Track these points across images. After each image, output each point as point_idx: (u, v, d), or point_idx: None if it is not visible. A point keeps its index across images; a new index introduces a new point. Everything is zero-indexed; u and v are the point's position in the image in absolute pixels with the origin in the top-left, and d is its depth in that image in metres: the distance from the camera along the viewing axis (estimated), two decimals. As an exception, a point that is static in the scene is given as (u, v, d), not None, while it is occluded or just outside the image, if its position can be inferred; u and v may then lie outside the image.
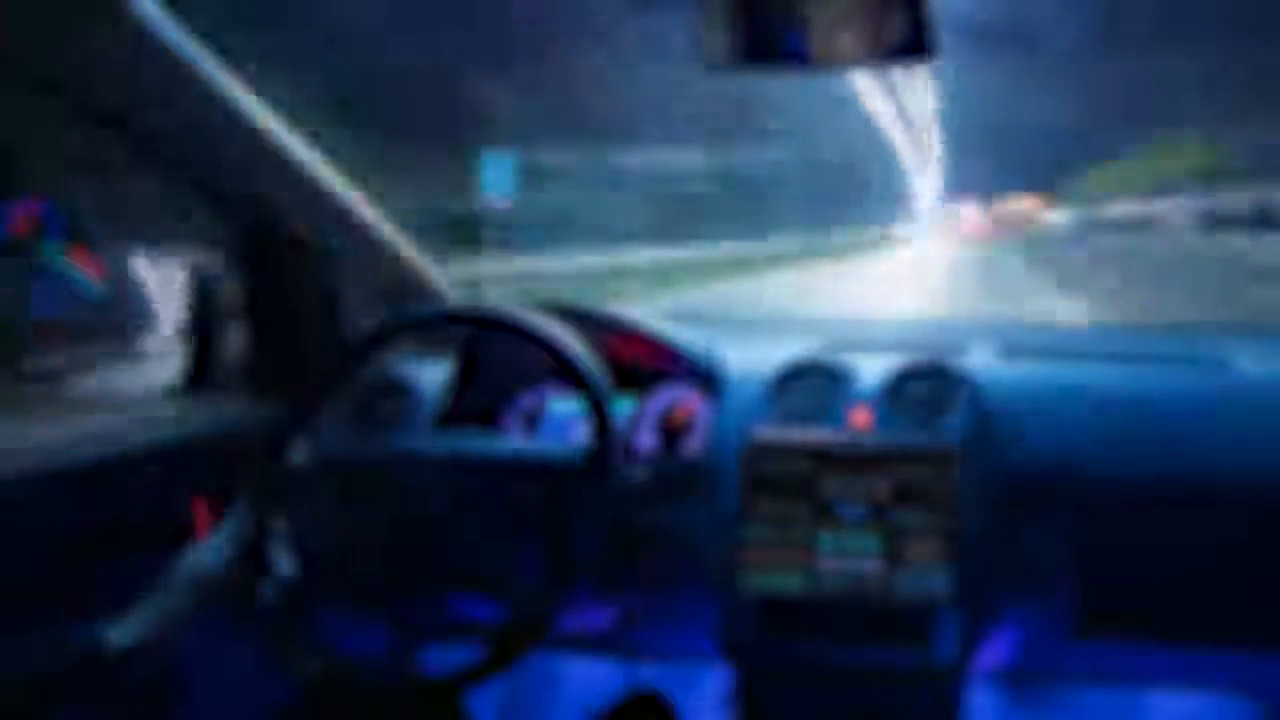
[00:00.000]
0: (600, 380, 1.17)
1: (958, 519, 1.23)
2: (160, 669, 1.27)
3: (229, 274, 1.47)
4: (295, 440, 1.22)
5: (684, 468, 1.35)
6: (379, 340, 1.30)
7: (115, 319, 1.57)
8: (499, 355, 1.48)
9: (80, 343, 1.54)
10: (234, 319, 1.48)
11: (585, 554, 1.13)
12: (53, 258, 1.46)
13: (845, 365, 1.38)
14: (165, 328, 1.55)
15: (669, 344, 1.45)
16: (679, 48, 1.17)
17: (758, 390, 1.38)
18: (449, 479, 1.20)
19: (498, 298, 1.71)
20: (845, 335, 1.53)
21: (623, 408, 1.39)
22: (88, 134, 1.21)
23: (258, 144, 1.30)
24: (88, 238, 1.48)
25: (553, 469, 1.17)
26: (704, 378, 1.43)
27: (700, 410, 1.41)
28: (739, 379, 1.41)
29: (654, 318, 1.51)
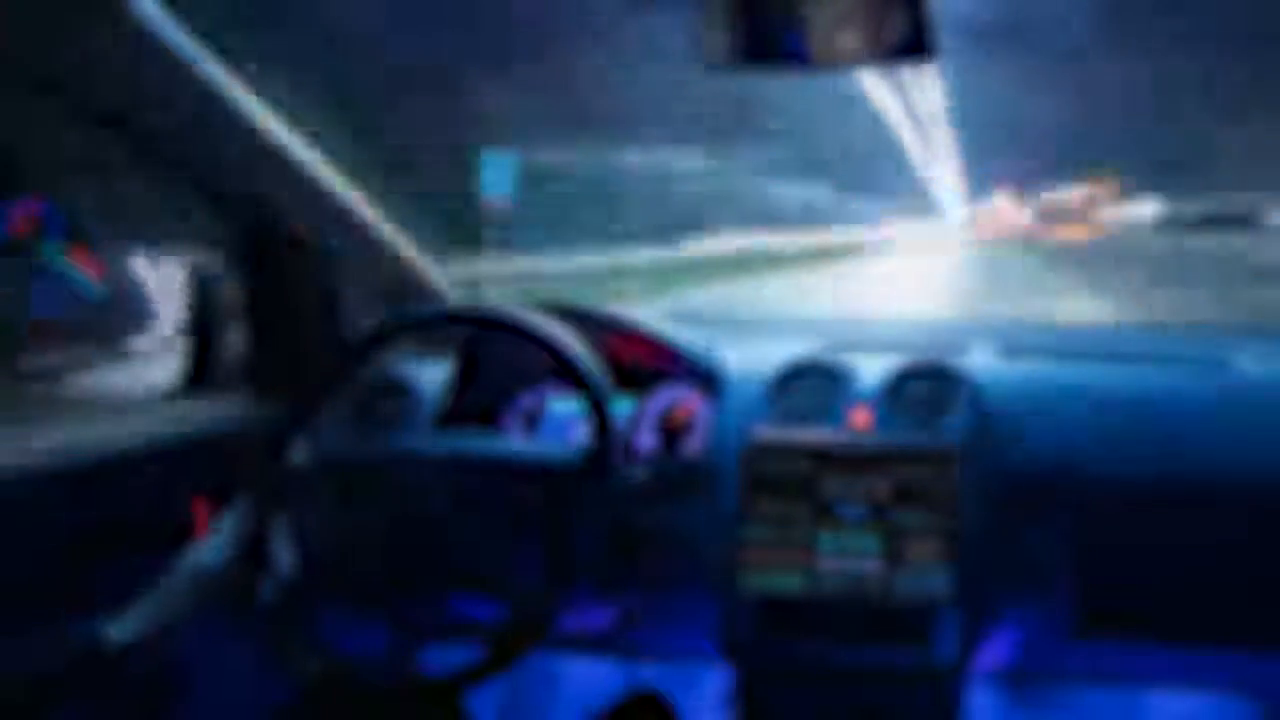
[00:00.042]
0: (600, 380, 1.17)
1: (958, 519, 1.23)
2: (160, 666, 1.27)
3: (229, 274, 1.47)
4: (295, 440, 1.22)
5: (684, 468, 1.35)
6: (379, 340, 1.30)
7: (115, 319, 1.57)
8: (499, 355, 1.48)
9: (80, 342, 1.54)
10: (234, 319, 1.48)
11: (585, 554, 1.13)
12: (52, 258, 1.46)
13: (845, 365, 1.38)
14: (165, 328, 1.55)
15: (669, 344, 1.45)
16: (679, 48, 1.17)
17: (758, 390, 1.38)
18: (449, 479, 1.20)
19: (498, 298, 1.71)
20: (845, 335, 1.53)
21: (623, 408, 1.39)
22: (88, 134, 1.21)
23: (258, 144, 1.30)
24: (88, 238, 1.49)
25: (553, 469, 1.17)
26: (704, 378, 1.43)
27: (700, 410, 1.41)
28: (739, 379, 1.41)
29: (654, 318, 1.51)
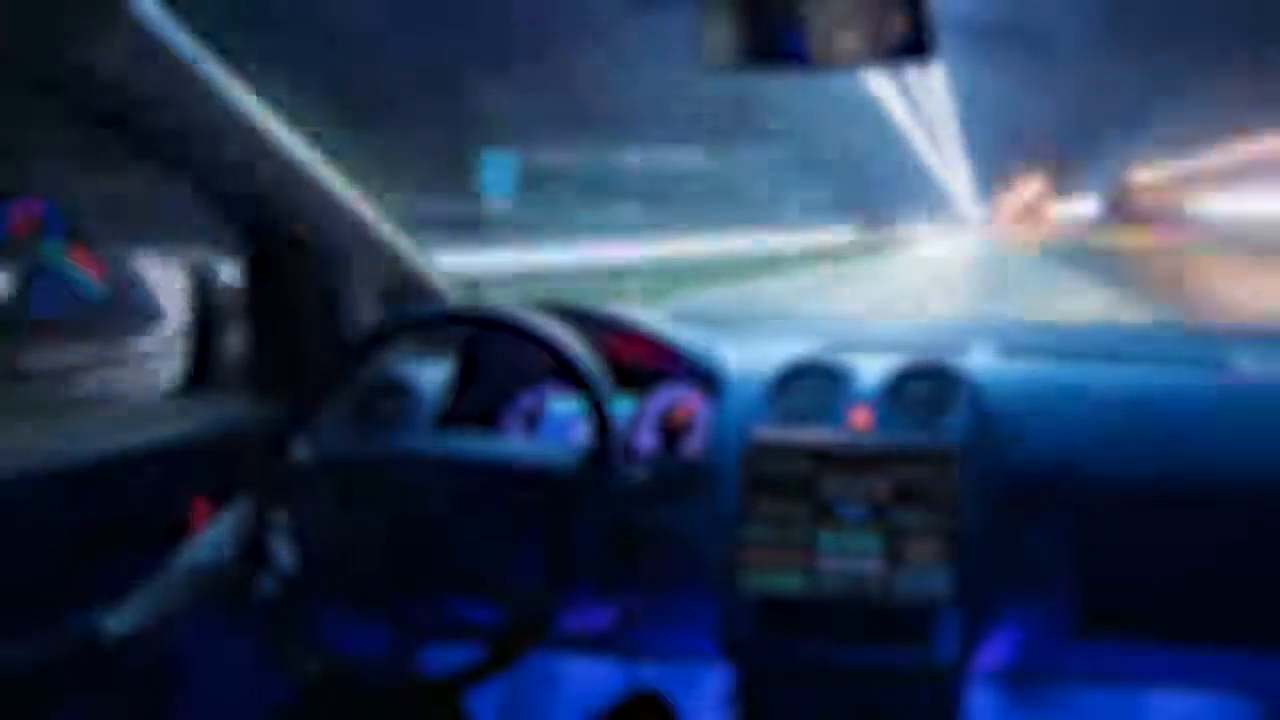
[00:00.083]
0: (600, 380, 1.17)
1: (958, 519, 1.23)
2: (159, 665, 1.27)
3: (229, 274, 1.47)
4: (296, 439, 1.22)
5: (684, 468, 1.35)
6: (379, 340, 1.30)
7: (115, 319, 1.58)
8: (499, 355, 1.48)
9: (80, 342, 1.54)
10: (234, 319, 1.48)
11: (585, 554, 1.13)
12: (52, 258, 1.46)
13: (845, 365, 1.38)
14: (165, 327, 1.55)
15: (669, 344, 1.45)
16: (679, 48, 1.17)
17: (758, 390, 1.38)
18: (449, 479, 1.20)
19: (498, 298, 1.71)
20: (845, 335, 1.53)
21: (623, 408, 1.39)
22: (88, 134, 1.21)
23: (258, 144, 1.30)
24: (88, 238, 1.49)
25: (553, 469, 1.17)
26: (704, 378, 1.43)
27: (700, 410, 1.40)
28: (739, 379, 1.41)
29: (654, 318, 1.51)
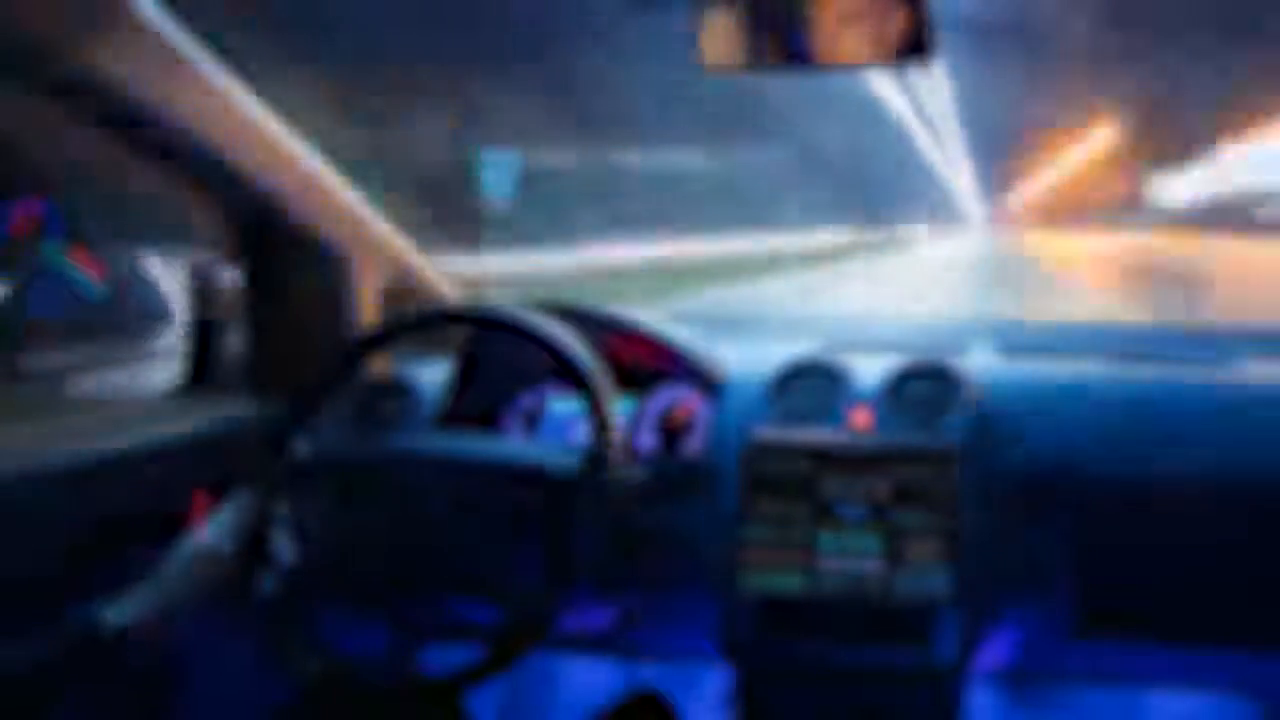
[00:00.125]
0: (600, 380, 1.17)
1: (958, 519, 1.23)
2: (159, 662, 1.27)
3: (229, 274, 1.47)
4: (296, 439, 1.22)
5: (684, 468, 1.35)
6: (379, 340, 1.30)
7: (115, 319, 1.58)
8: (499, 355, 1.48)
9: (80, 342, 1.54)
10: (234, 319, 1.48)
11: (585, 554, 1.13)
12: (52, 258, 1.46)
13: (845, 365, 1.38)
14: (165, 327, 1.55)
15: (669, 344, 1.45)
16: (679, 48, 1.17)
17: (758, 390, 1.38)
18: (449, 479, 1.20)
19: (498, 298, 1.71)
20: (845, 335, 1.53)
21: (623, 408, 1.39)
22: (89, 134, 1.21)
23: (258, 144, 1.30)
24: (88, 238, 1.49)
25: (552, 469, 1.17)
26: (704, 378, 1.43)
27: (700, 410, 1.40)
28: (739, 379, 1.41)
29: (654, 318, 1.50)
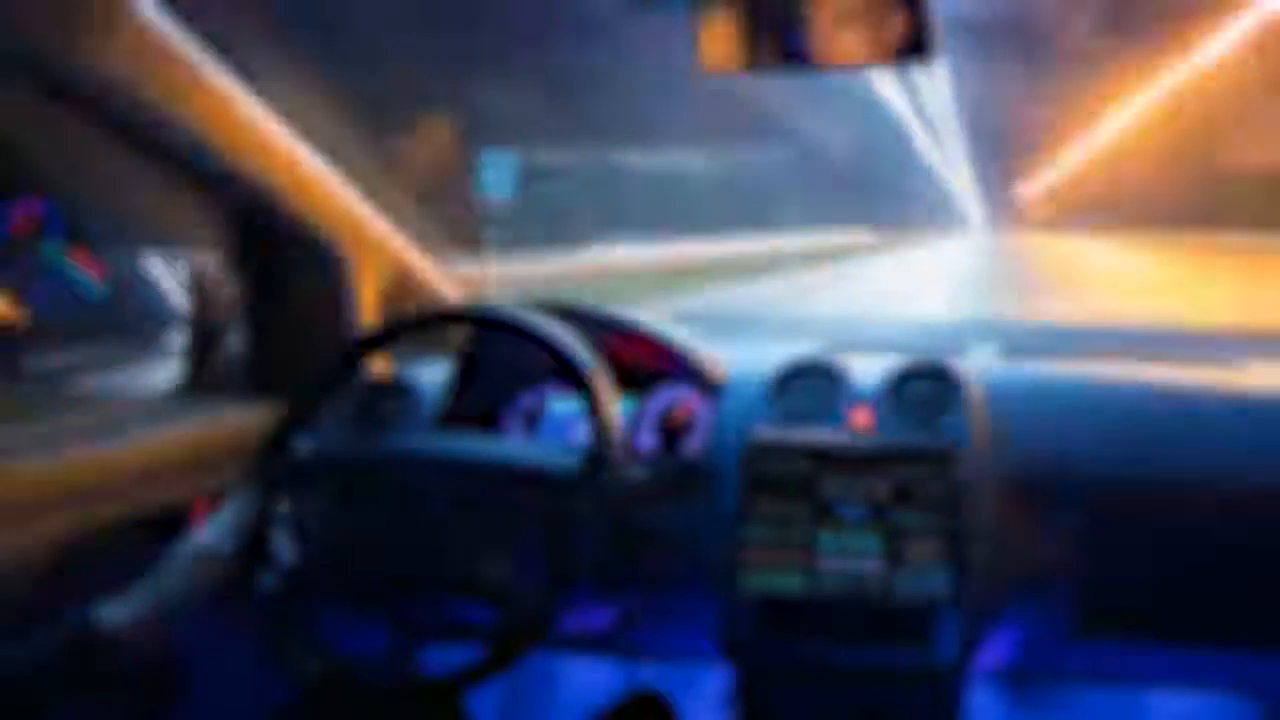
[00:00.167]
0: (600, 380, 1.17)
1: (958, 519, 1.23)
2: (159, 662, 1.27)
3: (229, 274, 1.47)
4: (296, 439, 1.22)
5: (684, 468, 1.34)
6: (379, 340, 1.30)
7: (115, 319, 1.58)
8: (499, 355, 1.48)
9: (80, 342, 1.54)
10: (234, 319, 1.48)
11: (585, 554, 1.13)
12: (52, 258, 1.46)
13: (845, 365, 1.38)
14: (165, 328, 1.55)
15: (669, 344, 1.45)
16: (679, 48, 1.17)
17: (758, 390, 1.38)
18: (449, 479, 1.20)
19: (498, 298, 1.71)
20: (845, 335, 1.53)
21: (623, 408, 1.38)
22: (90, 135, 1.21)
23: (258, 144, 1.30)
24: (88, 238, 1.49)
25: (552, 469, 1.17)
26: (704, 378, 1.43)
27: (700, 410, 1.40)
28: (739, 379, 1.41)
29: (654, 318, 1.51)
